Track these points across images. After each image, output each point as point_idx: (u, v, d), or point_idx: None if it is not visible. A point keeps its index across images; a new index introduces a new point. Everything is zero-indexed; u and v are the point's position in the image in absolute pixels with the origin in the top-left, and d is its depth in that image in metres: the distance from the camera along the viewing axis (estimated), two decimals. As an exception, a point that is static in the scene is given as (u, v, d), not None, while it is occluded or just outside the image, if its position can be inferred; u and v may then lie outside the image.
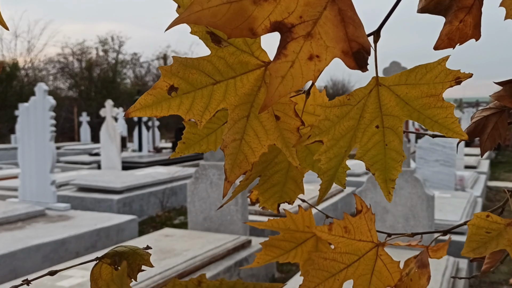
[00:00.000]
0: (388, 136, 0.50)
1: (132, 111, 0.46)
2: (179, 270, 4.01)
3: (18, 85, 23.78)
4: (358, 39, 0.39)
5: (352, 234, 0.57)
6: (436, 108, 0.47)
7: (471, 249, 0.55)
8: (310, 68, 0.39)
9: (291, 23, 0.39)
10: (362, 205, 0.56)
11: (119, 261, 0.56)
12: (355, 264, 0.59)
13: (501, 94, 0.56)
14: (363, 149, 0.51)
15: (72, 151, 16.08)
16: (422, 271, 0.55)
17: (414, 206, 4.71)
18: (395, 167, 0.51)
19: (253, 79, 0.48)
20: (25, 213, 5.83)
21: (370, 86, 0.48)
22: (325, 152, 0.50)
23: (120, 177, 8.16)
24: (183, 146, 0.56)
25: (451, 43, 0.51)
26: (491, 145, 0.60)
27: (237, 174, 0.49)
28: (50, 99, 6.53)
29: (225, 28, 0.39)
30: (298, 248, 0.69)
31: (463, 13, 0.51)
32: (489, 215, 0.54)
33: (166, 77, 0.46)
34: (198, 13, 0.38)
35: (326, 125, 0.49)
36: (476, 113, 0.62)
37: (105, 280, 0.57)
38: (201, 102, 0.48)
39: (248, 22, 0.39)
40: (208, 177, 5.21)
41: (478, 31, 0.51)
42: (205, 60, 0.47)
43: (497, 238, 0.54)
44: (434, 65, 0.47)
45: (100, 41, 28.52)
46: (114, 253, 0.57)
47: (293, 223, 0.67)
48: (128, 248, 0.57)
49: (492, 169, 13.00)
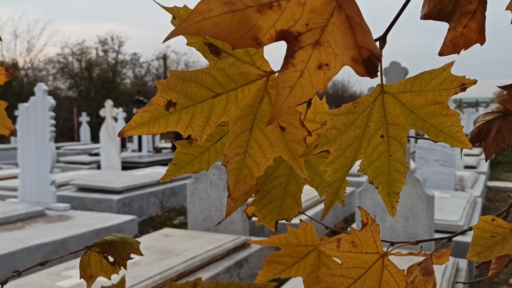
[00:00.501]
0: (393, 147, 0.49)
1: (127, 130, 0.44)
2: (178, 270, 4.01)
3: (18, 85, 23.76)
4: (367, 46, 0.38)
5: (359, 248, 0.56)
6: (442, 116, 0.47)
7: (476, 253, 0.54)
8: (320, 77, 0.38)
9: (298, 32, 0.38)
10: (367, 217, 0.55)
11: (108, 250, 0.57)
12: (362, 277, 0.58)
13: (505, 98, 0.56)
14: (368, 160, 0.49)
15: (72, 151, 16.06)
16: (427, 279, 0.55)
17: (414, 206, 4.71)
18: (399, 179, 0.49)
19: (255, 90, 0.46)
20: (24, 213, 5.82)
21: (375, 93, 0.48)
22: (331, 163, 0.48)
23: (120, 177, 8.16)
24: (174, 168, 0.53)
25: (456, 49, 0.50)
26: (495, 149, 0.59)
27: (242, 190, 0.46)
28: (49, 99, 6.52)
29: (229, 39, 0.37)
30: (301, 262, 0.68)
31: (466, 18, 0.50)
32: (494, 219, 0.54)
33: (163, 92, 0.44)
34: (199, 23, 0.36)
35: (333, 134, 0.47)
36: (479, 117, 0.62)
37: (94, 267, 0.57)
38: (201, 116, 0.45)
39: (253, 31, 0.37)
40: (208, 177, 5.21)
41: (482, 35, 0.51)
42: (204, 73, 0.45)
43: (502, 242, 0.54)
44: (439, 72, 0.46)
45: (100, 41, 28.51)
46: (104, 242, 0.57)
47: (295, 238, 0.66)
48: (118, 237, 0.58)
49: (492, 169, 13.00)
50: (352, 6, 0.38)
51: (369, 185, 4.90)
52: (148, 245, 4.60)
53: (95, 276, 0.58)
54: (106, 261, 0.58)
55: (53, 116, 6.57)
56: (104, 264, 0.58)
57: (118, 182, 7.68)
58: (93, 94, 26.74)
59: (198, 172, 0.54)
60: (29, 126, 6.56)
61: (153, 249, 4.48)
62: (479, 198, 7.36)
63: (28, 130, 6.57)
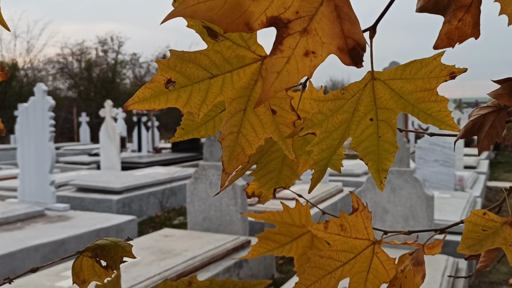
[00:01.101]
0: (382, 129, 0.51)
1: (131, 104, 0.47)
2: (178, 270, 4.01)
3: (18, 86, 23.78)
4: (353, 36, 0.39)
5: (348, 232, 0.57)
6: (430, 102, 0.48)
7: (467, 246, 0.55)
8: (306, 64, 0.39)
9: (288, 19, 0.39)
10: (358, 203, 0.56)
11: (100, 254, 0.57)
12: (351, 262, 0.59)
13: (499, 93, 0.56)
14: (357, 140, 0.51)
15: (72, 151, 16.07)
16: (417, 269, 0.55)
17: (413, 206, 4.71)
18: (388, 158, 0.52)
19: (250, 73, 0.48)
20: (24, 213, 5.82)
21: (365, 80, 0.49)
22: (318, 143, 0.50)
23: (119, 178, 8.16)
24: (182, 132, 0.57)
25: (451, 42, 0.51)
26: (488, 143, 0.60)
27: (234, 166, 0.49)
28: (49, 100, 6.53)
29: (221, 23, 0.38)
30: (294, 243, 0.69)
31: (461, 12, 0.50)
32: (486, 213, 0.55)
33: (163, 71, 0.46)
34: (193, 7, 0.38)
35: (319, 118, 0.49)
36: (474, 111, 0.62)
37: (86, 272, 0.57)
38: (198, 95, 0.48)
39: (244, 16, 0.39)
40: (208, 177, 5.21)
41: (477, 29, 0.51)
42: (201, 54, 0.47)
43: (493, 236, 0.55)
44: (429, 60, 0.47)
45: (100, 42, 28.54)
46: (96, 246, 0.57)
47: (290, 216, 0.67)
48: (110, 241, 0.58)
49: (491, 169, 13.01)
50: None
51: (369, 186, 4.90)
52: (148, 245, 4.60)
53: (88, 281, 0.58)
54: (99, 265, 0.58)
55: (53, 116, 6.57)
56: (97, 268, 0.58)
57: (118, 182, 7.68)
58: (92, 94, 26.76)
59: (205, 137, 0.59)
60: (28, 126, 6.56)
61: (152, 250, 4.48)
62: (478, 198, 7.36)
63: (27, 130, 6.57)
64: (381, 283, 0.60)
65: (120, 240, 0.58)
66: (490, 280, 5.02)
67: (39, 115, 6.50)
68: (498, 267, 5.27)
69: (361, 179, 8.42)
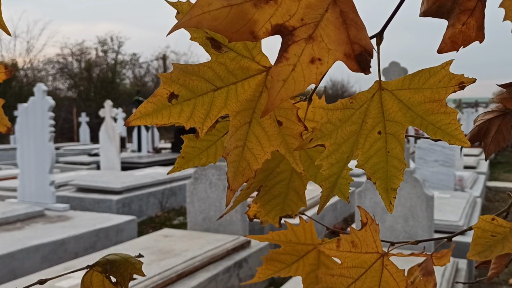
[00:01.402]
0: (391, 143, 0.49)
1: (132, 120, 0.45)
2: (178, 270, 4.00)
3: (17, 86, 23.76)
4: (360, 42, 0.38)
5: (359, 247, 0.56)
6: (440, 114, 0.47)
7: (477, 252, 0.54)
8: (312, 71, 0.39)
9: (293, 26, 0.38)
10: (367, 217, 0.55)
11: (110, 270, 0.56)
12: (362, 277, 0.58)
13: (505, 97, 0.55)
14: (365, 156, 0.50)
15: (71, 151, 16.06)
16: (427, 279, 0.54)
17: (413, 207, 4.70)
18: (396, 176, 0.50)
19: (255, 84, 0.47)
20: (24, 213, 5.81)
21: (373, 90, 0.48)
22: (327, 157, 0.48)
23: (119, 178, 8.16)
24: (182, 161, 0.55)
25: (455, 46, 0.50)
26: (495, 148, 0.59)
27: (240, 182, 0.48)
28: (49, 100, 6.52)
29: (226, 32, 0.38)
30: (300, 261, 0.68)
31: (465, 15, 0.50)
32: (494, 218, 0.54)
33: (166, 84, 0.45)
34: (199, 17, 0.37)
35: (329, 128, 0.47)
36: (479, 116, 0.61)
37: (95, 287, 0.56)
38: (202, 109, 0.47)
39: (249, 25, 0.38)
40: (208, 178, 5.21)
41: (481, 33, 0.50)
42: (205, 66, 0.46)
43: (503, 241, 0.54)
44: (437, 69, 0.46)
45: (99, 42, 28.52)
46: (106, 261, 0.56)
47: (294, 235, 0.66)
48: (120, 257, 0.57)
49: (491, 169, 13.00)
50: (347, 2, 0.38)
51: (369, 186, 4.89)
52: (148, 246, 4.59)
53: None
54: (109, 281, 0.57)
55: (53, 117, 6.57)
56: (107, 284, 0.57)
57: (118, 183, 7.67)
58: (92, 94, 26.75)
59: (206, 165, 0.57)
60: (28, 127, 6.56)
61: (152, 250, 4.48)
62: (478, 198, 7.36)
63: (27, 130, 6.57)
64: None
65: (131, 256, 0.57)
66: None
67: (39, 115, 6.49)
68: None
69: (361, 179, 8.41)
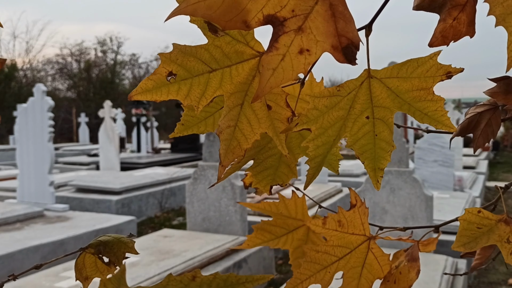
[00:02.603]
0: (378, 127, 0.51)
1: (134, 94, 0.48)
2: (177, 271, 4.01)
3: (17, 86, 23.77)
4: (347, 34, 0.40)
5: (346, 228, 0.58)
6: (427, 101, 0.48)
7: (462, 244, 0.55)
8: (300, 61, 0.40)
9: (283, 17, 0.40)
10: (356, 199, 0.57)
11: (103, 250, 0.57)
12: (346, 257, 0.59)
13: (495, 91, 0.56)
14: (353, 138, 0.52)
15: (71, 152, 16.06)
16: (411, 265, 0.56)
17: (412, 207, 4.71)
18: (384, 157, 0.52)
19: (248, 68, 0.49)
20: (23, 214, 5.82)
21: (361, 78, 0.49)
22: (313, 140, 0.51)
23: (118, 178, 8.16)
24: (181, 127, 0.58)
25: (445, 41, 0.51)
26: (483, 141, 0.60)
27: (231, 159, 0.50)
28: (48, 100, 6.52)
29: (220, 21, 0.40)
30: (289, 235, 0.70)
31: (456, 10, 0.51)
32: (480, 211, 0.55)
33: (165, 64, 0.48)
34: (194, 5, 0.39)
35: (314, 114, 0.50)
36: (470, 109, 0.62)
37: (89, 269, 0.57)
38: (198, 89, 0.49)
39: (242, 15, 0.40)
40: (207, 178, 5.21)
41: (472, 28, 0.51)
42: (202, 48, 0.48)
43: (488, 233, 0.55)
44: (425, 60, 0.48)
45: (99, 42, 28.53)
46: (98, 242, 0.58)
47: (286, 208, 0.68)
48: (112, 237, 0.58)
49: (490, 169, 13.02)
50: None
51: (368, 186, 4.90)
52: (147, 246, 4.60)
53: (91, 278, 0.59)
54: (101, 261, 0.58)
55: (52, 117, 6.57)
56: (99, 265, 0.58)
57: (117, 183, 7.68)
58: (92, 94, 26.75)
59: (204, 133, 0.60)
60: (27, 127, 6.56)
61: (152, 250, 4.48)
62: (478, 198, 7.37)
63: (26, 131, 6.57)
64: (375, 278, 0.60)
65: (123, 236, 0.59)
66: (489, 280, 5.02)
67: (38, 116, 6.49)
68: (497, 267, 5.27)
69: (360, 180, 8.42)
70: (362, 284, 0.60)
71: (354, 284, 0.60)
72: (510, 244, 0.55)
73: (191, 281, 0.46)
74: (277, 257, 5.59)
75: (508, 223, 0.55)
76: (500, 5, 0.42)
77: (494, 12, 0.43)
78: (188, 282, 0.46)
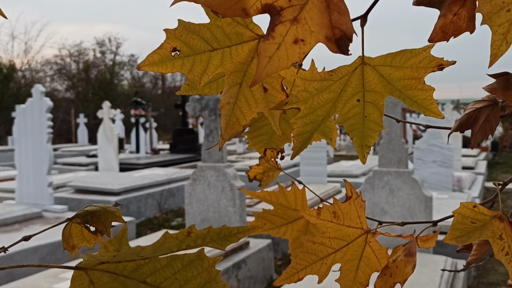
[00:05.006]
0: (368, 109, 0.53)
1: (142, 66, 0.50)
2: (176, 271, 4.00)
3: (15, 87, 23.76)
4: (341, 26, 0.41)
5: (341, 219, 0.58)
6: (417, 90, 0.50)
7: (454, 237, 0.55)
8: (295, 51, 0.42)
9: (280, 6, 0.41)
10: (352, 191, 0.57)
11: (91, 220, 0.58)
12: (343, 249, 0.60)
13: (494, 87, 0.56)
14: (343, 117, 0.54)
15: (69, 152, 16.06)
16: (408, 259, 0.56)
17: (412, 207, 4.71)
18: (372, 136, 0.54)
19: (248, 49, 0.51)
20: (22, 215, 5.81)
21: (355, 64, 0.51)
22: (302, 118, 0.53)
23: (117, 179, 8.15)
24: (187, 88, 0.60)
25: (445, 36, 0.51)
26: (482, 137, 0.60)
27: (230, 134, 0.54)
28: (47, 101, 6.52)
29: (220, 8, 0.42)
30: (289, 226, 0.71)
31: (457, 6, 0.50)
32: (476, 206, 0.55)
33: (170, 39, 0.49)
34: None
35: (304, 95, 0.52)
36: (469, 105, 0.62)
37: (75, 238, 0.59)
38: (200, 65, 0.51)
39: (241, 3, 0.41)
40: (206, 179, 5.21)
41: (472, 24, 0.51)
42: (205, 27, 0.50)
43: (482, 228, 0.55)
44: (419, 51, 0.49)
45: (97, 43, 28.55)
46: (85, 212, 0.59)
47: (285, 199, 0.69)
48: (99, 207, 0.60)
49: (489, 170, 13.03)
50: None
51: (367, 186, 4.90)
52: (146, 246, 4.59)
53: (78, 246, 0.61)
54: (87, 230, 0.60)
55: (51, 118, 6.57)
56: (86, 233, 0.60)
57: (116, 184, 7.67)
58: (90, 95, 26.76)
59: (208, 95, 0.63)
60: (26, 128, 6.55)
61: (150, 250, 4.47)
62: (477, 199, 7.37)
63: (25, 131, 6.56)
64: (372, 271, 0.61)
65: (109, 205, 0.60)
66: (488, 281, 5.02)
67: (37, 117, 6.49)
68: (496, 268, 5.27)
69: (359, 180, 8.43)
70: (359, 277, 0.61)
71: (351, 276, 0.61)
72: (502, 241, 0.55)
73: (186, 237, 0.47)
74: (276, 258, 5.59)
75: (502, 219, 0.56)
76: (488, 3, 0.42)
77: (482, 10, 0.43)
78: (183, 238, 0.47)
